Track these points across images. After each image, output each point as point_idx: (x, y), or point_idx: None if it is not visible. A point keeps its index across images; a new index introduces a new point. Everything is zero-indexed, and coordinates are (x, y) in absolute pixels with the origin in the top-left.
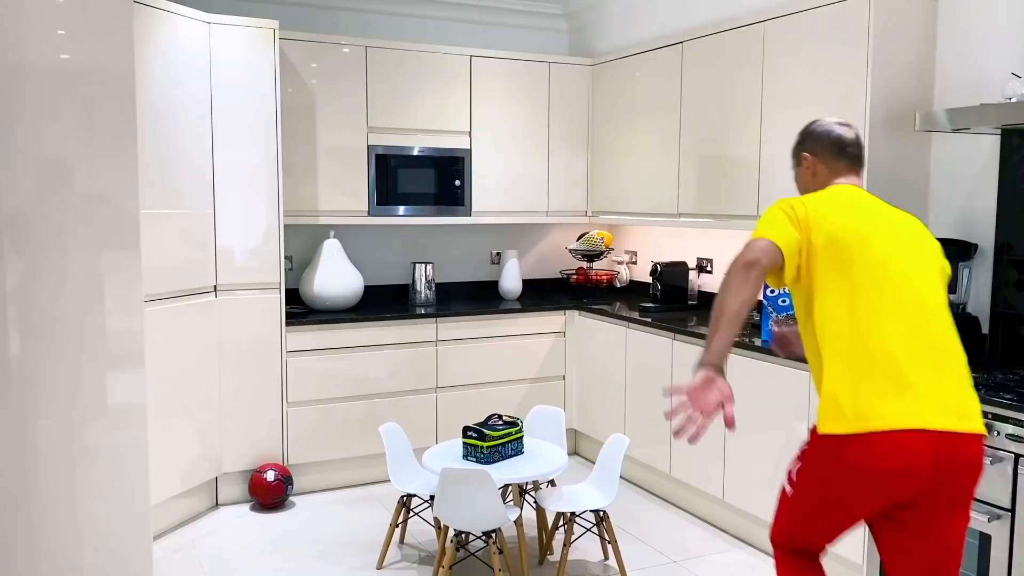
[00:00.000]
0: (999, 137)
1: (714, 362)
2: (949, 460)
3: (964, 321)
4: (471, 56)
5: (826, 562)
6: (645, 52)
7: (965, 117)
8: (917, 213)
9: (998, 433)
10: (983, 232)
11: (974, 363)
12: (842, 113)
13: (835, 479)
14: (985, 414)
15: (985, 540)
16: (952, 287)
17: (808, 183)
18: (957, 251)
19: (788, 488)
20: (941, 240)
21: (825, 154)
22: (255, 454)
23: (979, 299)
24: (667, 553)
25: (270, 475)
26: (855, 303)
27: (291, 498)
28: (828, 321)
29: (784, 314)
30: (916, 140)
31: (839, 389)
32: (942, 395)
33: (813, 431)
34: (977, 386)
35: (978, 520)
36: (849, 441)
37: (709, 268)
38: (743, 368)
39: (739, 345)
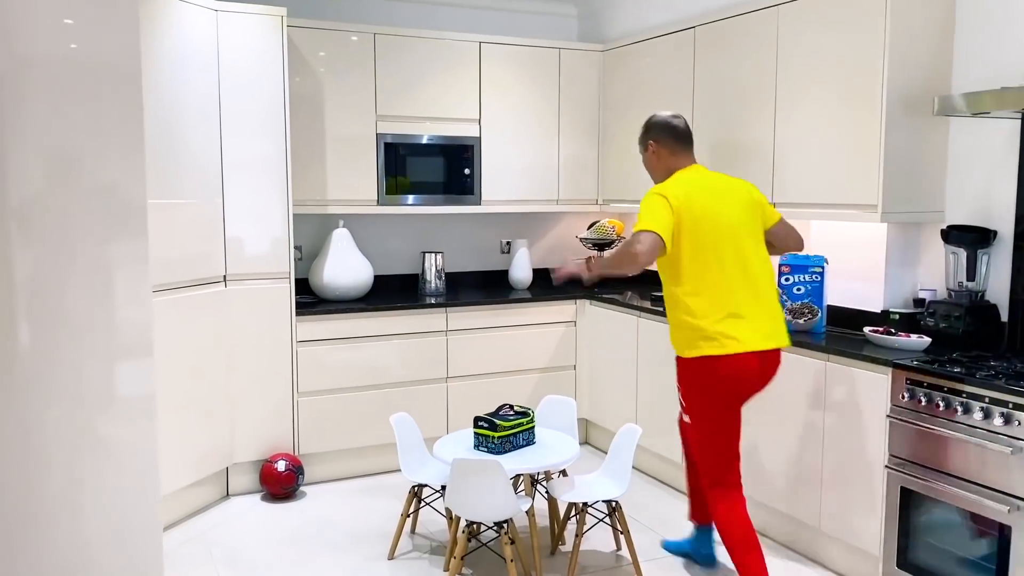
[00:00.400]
0: (1019, 121)
1: (593, 273)
2: (769, 366)
3: (982, 310)
4: (480, 42)
5: (843, 554)
6: (657, 37)
7: (984, 101)
8: (934, 197)
9: (1019, 423)
10: (1002, 219)
11: (993, 352)
12: (858, 98)
13: (714, 388)
14: (1005, 403)
15: (1005, 531)
16: (971, 274)
17: (655, 165)
18: (976, 238)
19: (687, 418)
20: (959, 227)
21: (666, 141)
22: (266, 444)
23: (998, 286)
24: None
25: (281, 465)
26: (708, 263)
27: (302, 488)
28: (692, 276)
29: (799, 302)
30: (934, 125)
31: (705, 324)
32: (762, 324)
33: (684, 361)
34: (997, 375)
35: (997, 511)
36: (719, 360)
37: None
38: None
39: None
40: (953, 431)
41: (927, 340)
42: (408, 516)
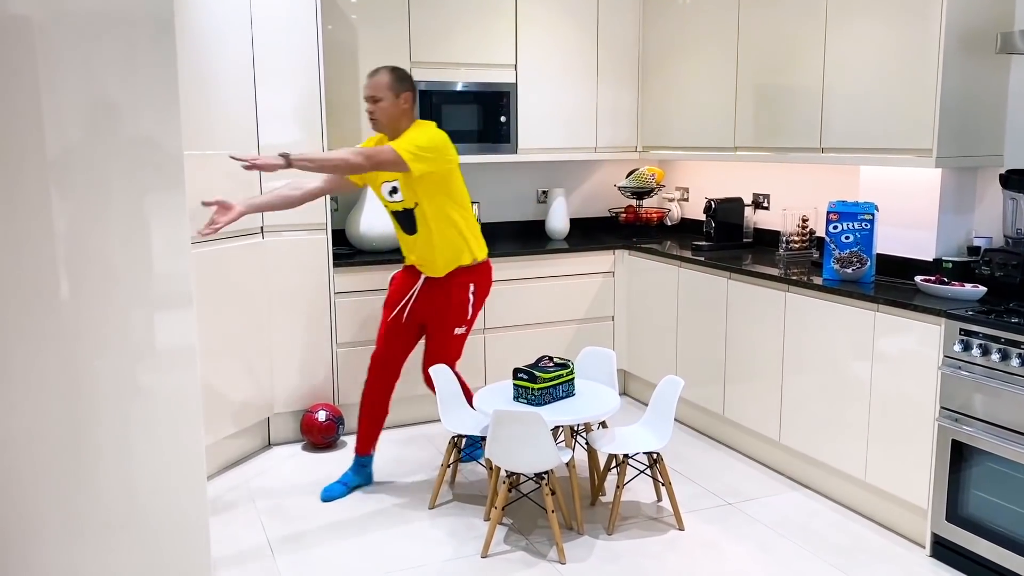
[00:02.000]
0: None
1: (288, 155)
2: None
3: None
4: None
5: (890, 507)
6: None
7: None
8: (993, 139)
9: None
10: None
11: None
12: (916, 36)
13: (486, 289)
14: None
15: None
16: None
17: (396, 116)
18: None
19: (461, 330)
20: (1019, 172)
21: (415, 96)
22: (306, 394)
23: None
24: (721, 495)
25: (321, 415)
26: (465, 197)
27: (342, 438)
28: (458, 208)
29: (847, 250)
30: (995, 64)
31: (473, 240)
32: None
33: (461, 271)
34: None
35: None
36: (486, 263)
37: (766, 204)
38: (802, 307)
39: (798, 284)
40: (1009, 384)
41: (982, 290)
42: (448, 466)
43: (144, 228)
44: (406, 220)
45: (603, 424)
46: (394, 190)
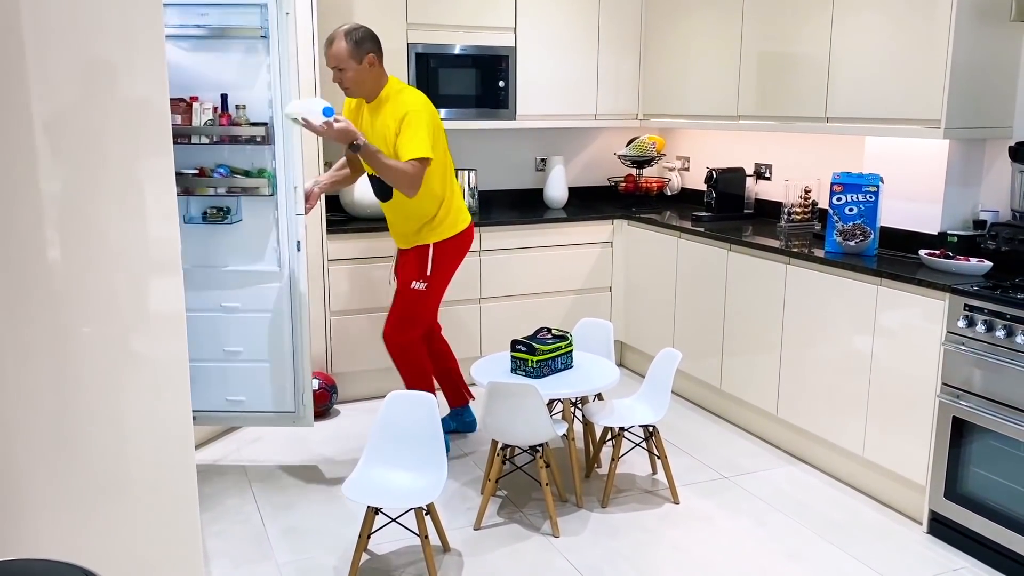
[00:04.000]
0: None
1: (360, 146)
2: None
3: None
4: None
5: (888, 483)
6: None
7: None
8: (1003, 110)
9: None
10: None
11: None
12: (925, 2)
13: (455, 250)
14: None
15: None
16: None
17: (367, 79)
18: None
19: (419, 285)
20: None
21: (379, 53)
22: None
23: None
24: (717, 468)
25: (314, 384)
26: (446, 164)
27: (335, 406)
28: (444, 180)
29: (851, 223)
30: (1009, 32)
31: (449, 215)
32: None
33: (451, 238)
34: None
35: None
36: (461, 233)
37: (768, 174)
38: (803, 279)
39: (799, 256)
40: (1013, 361)
41: (988, 264)
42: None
43: (138, 192)
44: (380, 185)
45: (599, 396)
46: None
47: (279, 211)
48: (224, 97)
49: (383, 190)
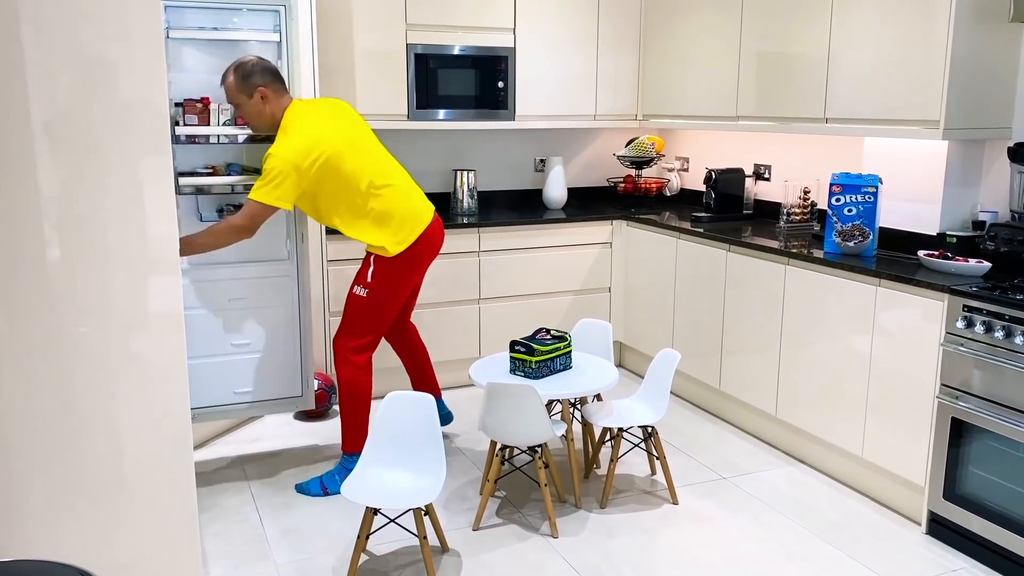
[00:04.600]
0: None
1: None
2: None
3: None
4: None
5: (886, 483)
6: None
7: None
8: (1002, 111)
9: None
10: None
11: None
12: (924, 3)
13: (409, 268)
14: None
15: None
16: None
17: (262, 111)
18: None
19: (360, 291)
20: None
21: (273, 85)
22: None
23: None
24: (716, 469)
25: (314, 384)
26: (377, 185)
27: (334, 407)
28: (355, 203)
29: (850, 223)
30: (1008, 32)
31: (400, 225)
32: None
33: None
34: None
35: None
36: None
37: (767, 175)
38: (802, 280)
39: (798, 257)
40: (1013, 361)
41: (987, 265)
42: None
43: (138, 191)
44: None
45: (598, 397)
46: None
47: None
48: None
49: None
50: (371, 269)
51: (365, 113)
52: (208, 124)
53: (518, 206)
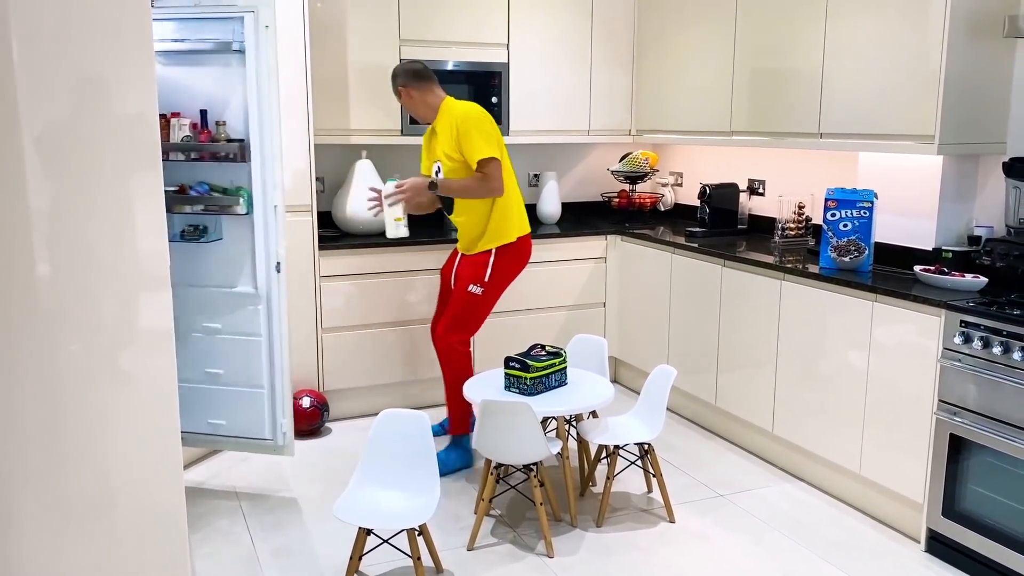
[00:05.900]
0: None
1: (436, 184)
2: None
3: None
4: None
5: (884, 500)
6: None
7: None
8: (997, 126)
9: None
10: None
11: None
12: (919, 18)
13: (514, 259)
14: None
15: None
16: None
17: (413, 105)
18: None
19: (475, 289)
20: (1022, 159)
21: (415, 82)
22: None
23: None
24: (712, 486)
25: (306, 401)
26: (509, 170)
27: (327, 424)
28: (508, 182)
29: (845, 238)
30: (1001, 48)
31: (505, 222)
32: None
33: (490, 252)
34: None
35: None
36: (519, 241)
37: (761, 190)
38: (797, 295)
39: (793, 272)
40: (1010, 377)
41: (983, 280)
42: None
43: (128, 207)
44: (444, 201)
45: (594, 414)
46: (439, 170)
47: (255, 231)
48: (204, 113)
49: (447, 204)
50: (489, 267)
51: (359, 128)
52: (168, 140)
53: None
